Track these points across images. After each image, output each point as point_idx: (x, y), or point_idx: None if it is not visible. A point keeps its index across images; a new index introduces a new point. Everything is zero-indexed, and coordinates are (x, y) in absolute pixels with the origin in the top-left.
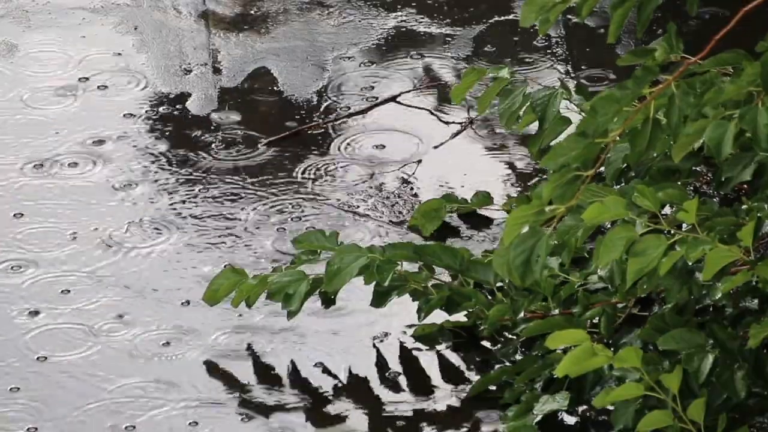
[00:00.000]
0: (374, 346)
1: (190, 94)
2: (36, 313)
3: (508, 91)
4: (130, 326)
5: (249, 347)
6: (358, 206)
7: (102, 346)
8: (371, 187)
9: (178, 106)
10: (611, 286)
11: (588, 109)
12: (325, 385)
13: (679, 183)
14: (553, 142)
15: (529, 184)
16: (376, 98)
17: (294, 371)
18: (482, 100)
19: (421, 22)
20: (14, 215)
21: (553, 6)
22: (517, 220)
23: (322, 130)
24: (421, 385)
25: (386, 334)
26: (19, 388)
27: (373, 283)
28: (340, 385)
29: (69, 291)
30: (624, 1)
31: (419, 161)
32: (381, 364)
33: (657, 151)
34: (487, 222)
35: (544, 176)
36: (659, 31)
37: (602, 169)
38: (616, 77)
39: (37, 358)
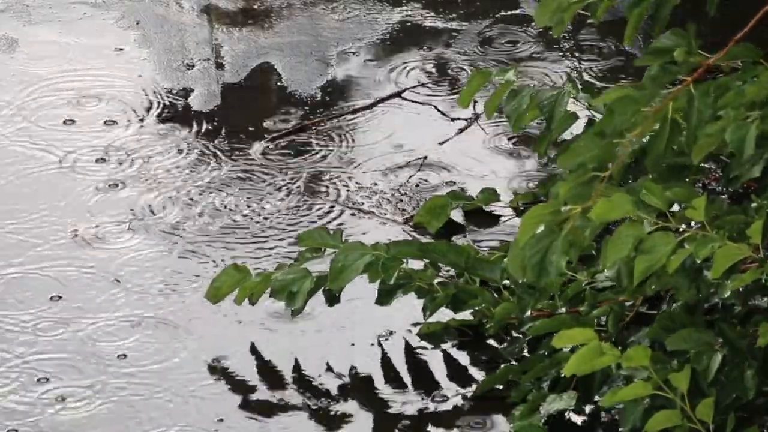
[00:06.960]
0: (379, 344)
1: (192, 90)
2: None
3: (515, 92)
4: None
5: (252, 345)
6: (363, 203)
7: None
8: (375, 184)
9: (180, 102)
10: (619, 284)
11: (606, 110)
12: (330, 384)
13: (687, 180)
14: (560, 139)
15: (535, 181)
16: (381, 94)
17: (297, 370)
18: (489, 104)
19: (427, 16)
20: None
21: (568, 6)
22: (532, 220)
23: (326, 125)
24: (427, 384)
25: (391, 333)
26: None
27: (378, 281)
28: (344, 384)
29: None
30: (641, 1)
31: (424, 157)
32: (386, 362)
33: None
34: (493, 219)
35: (552, 173)
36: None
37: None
38: (625, 75)
39: None
